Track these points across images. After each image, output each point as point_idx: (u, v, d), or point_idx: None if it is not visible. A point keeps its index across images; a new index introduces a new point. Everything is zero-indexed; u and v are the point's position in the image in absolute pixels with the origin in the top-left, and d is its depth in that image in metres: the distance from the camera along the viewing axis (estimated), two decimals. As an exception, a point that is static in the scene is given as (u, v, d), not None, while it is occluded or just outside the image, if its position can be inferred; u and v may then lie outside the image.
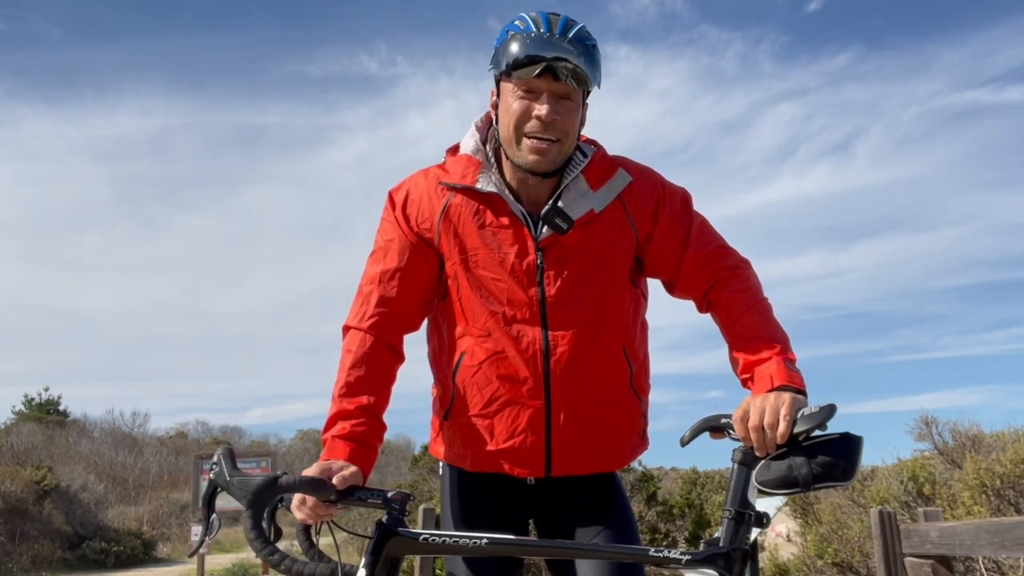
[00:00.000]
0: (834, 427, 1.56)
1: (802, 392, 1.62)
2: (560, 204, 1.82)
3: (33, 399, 28.89)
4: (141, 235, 42.88)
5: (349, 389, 1.76)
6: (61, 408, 29.19)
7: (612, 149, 1.96)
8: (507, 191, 1.84)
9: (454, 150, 1.93)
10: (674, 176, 1.95)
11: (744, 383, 1.74)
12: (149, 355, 45.93)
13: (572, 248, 1.82)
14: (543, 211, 1.82)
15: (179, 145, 42.36)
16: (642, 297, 1.96)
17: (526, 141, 1.77)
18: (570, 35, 1.74)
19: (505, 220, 1.83)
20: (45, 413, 28.05)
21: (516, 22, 1.78)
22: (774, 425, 1.54)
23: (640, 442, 1.97)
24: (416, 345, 2.03)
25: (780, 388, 1.62)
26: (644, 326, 1.97)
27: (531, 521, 2.01)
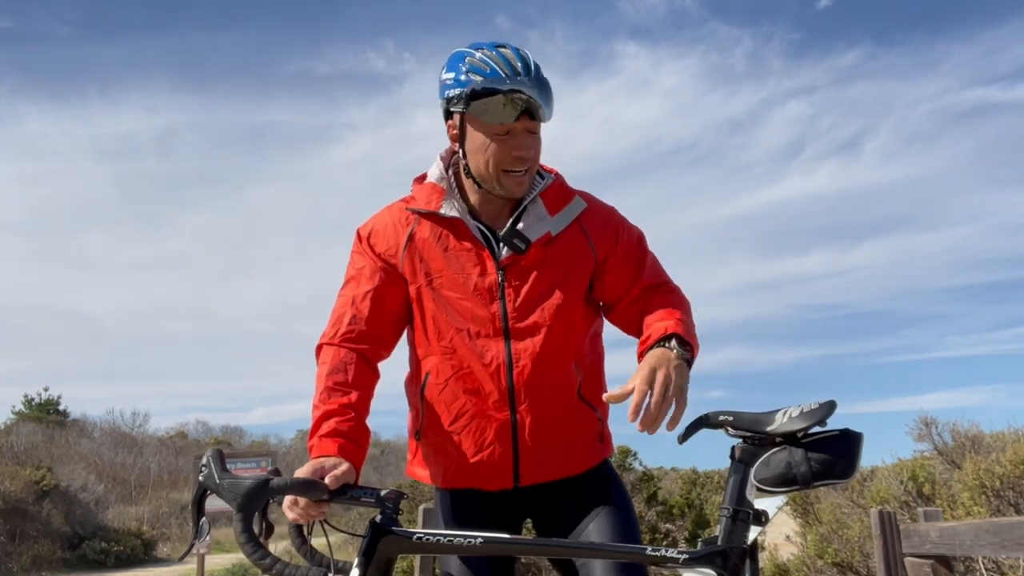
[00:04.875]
0: (835, 425, 1.55)
1: (689, 347, 1.78)
2: (519, 227, 1.92)
3: (33, 399, 28.90)
4: (145, 234, 42.81)
5: (330, 393, 1.78)
6: (61, 408, 29.20)
7: (619, 147, 2.03)
8: (468, 216, 1.94)
9: (421, 179, 2.02)
10: (681, 174, 2.01)
11: (639, 356, 1.81)
12: (150, 355, 45.92)
13: (532, 266, 1.91)
14: (502, 232, 1.92)
15: (184, 143, 42.28)
16: (595, 312, 2.03)
17: (506, 175, 1.87)
18: (533, 73, 1.81)
19: (467, 243, 1.92)
20: (45, 413, 28.05)
21: (477, 64, 1.81)
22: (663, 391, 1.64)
23: (601, 447, 2.01)
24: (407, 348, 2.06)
25: (670, 338, 1.76)
26: (596, 337, 2.04)
27: (528, 520, 2.02)
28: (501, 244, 1.92)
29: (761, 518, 1.54)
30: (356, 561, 1.50)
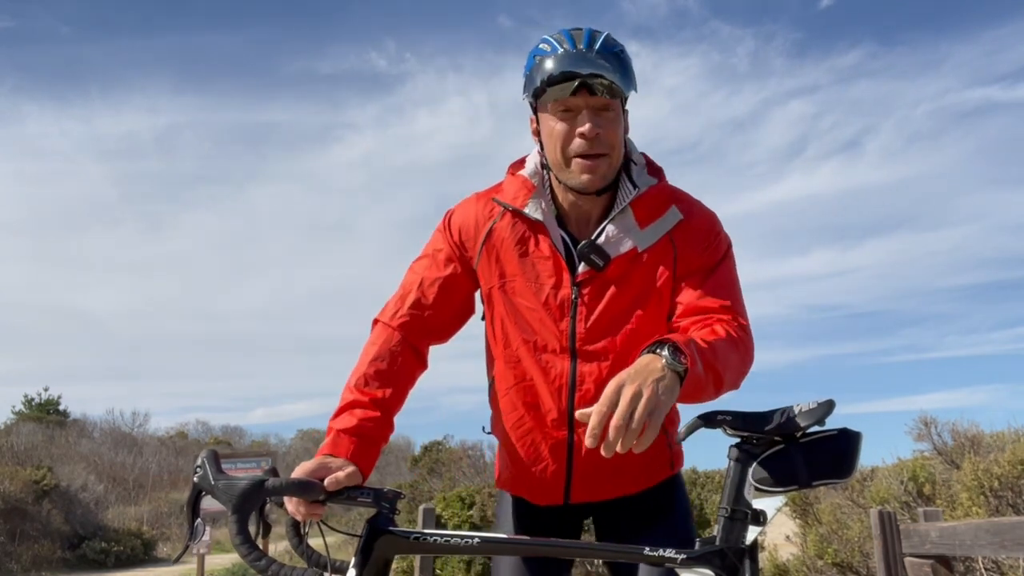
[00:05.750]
0: (834, 425, 1.54)
1: (681, 355, 1.43)
2: (600, 240, 1.78)
3: (33, 399, 28.94)
4: (146, 234, 42.77)
5: (367, 380, 1.73)
6: (61, 408, 29.22)
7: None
8: (554, 220, 1.82)
9: (517, 165, 1.90)
10: (682, 174, 1.92)
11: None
12: (151, 354, 45.92)
13: (610, 284, 1.78)
14: (580, 245, 1.78)
15: (185, 143, 42.21)
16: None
17: (575, 161, 1.74)
18: (597, 47, 1.70)
19: (546, 251, 1.81)
20: (45, 413, 28.07)
21: (541, 45, 1.75)
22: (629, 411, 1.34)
23: (664, 467, 1.91)
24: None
25: (663, 345, 1.44)
26: None
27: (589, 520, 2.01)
28: (578, 258, 1.79)
29: (760, 518, 1.52)
30: (353, 561, 1.50)
